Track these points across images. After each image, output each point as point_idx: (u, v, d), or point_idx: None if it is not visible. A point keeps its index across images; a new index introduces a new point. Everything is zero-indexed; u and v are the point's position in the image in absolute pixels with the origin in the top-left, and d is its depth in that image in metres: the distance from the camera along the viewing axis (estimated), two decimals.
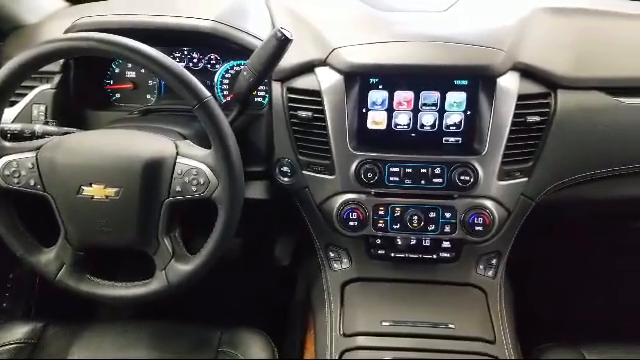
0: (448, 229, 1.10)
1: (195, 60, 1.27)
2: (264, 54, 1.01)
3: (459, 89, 1.05)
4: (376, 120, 1.09)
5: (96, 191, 0.91)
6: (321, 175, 1.12)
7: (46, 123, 1.12)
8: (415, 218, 1.09)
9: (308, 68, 1.09)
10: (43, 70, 1.04)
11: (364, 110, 1.08)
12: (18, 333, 1.10)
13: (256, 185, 1.19)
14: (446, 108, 1.07)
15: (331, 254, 1.20)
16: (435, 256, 1.15)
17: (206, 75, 1.26)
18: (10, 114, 1.15)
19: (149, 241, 0.94)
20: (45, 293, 1.45)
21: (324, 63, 1.08)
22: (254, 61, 1.03)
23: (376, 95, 1.07)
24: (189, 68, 1.26)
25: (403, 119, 1.08)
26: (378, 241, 1.15)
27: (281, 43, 0.99)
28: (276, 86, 1.12)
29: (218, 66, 1.27)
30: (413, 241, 1.14)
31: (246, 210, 0.95)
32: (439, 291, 1.16)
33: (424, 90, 1.06)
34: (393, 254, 1.16)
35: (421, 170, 1.07)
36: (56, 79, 1.17)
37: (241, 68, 1.08)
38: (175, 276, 0.94)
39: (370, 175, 1.08)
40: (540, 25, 1.14)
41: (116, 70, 1.29)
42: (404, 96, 1.07)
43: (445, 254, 1.15)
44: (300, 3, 1.25)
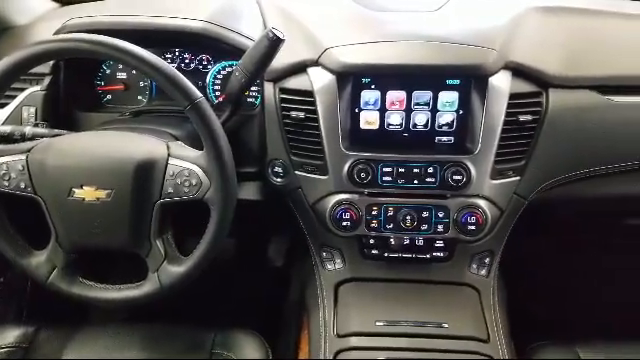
0: (441, 228, 1.10)
1: (187, 61, 1.27)
2: (256, 54, 1.01)
3: (451, 88, 1.06)
4: (369, 120, 1.09)
5: (87, 193, 0.90)
6: (314, 175, 1.12)
7: (36, 125, 1.10)
8: (408, 218, 1.09)
9: (300, 68, 1.09)
10: (33, 72, 1.03)
11: (357, 110, 1.08)
12: (10, 337, 1.09)
13: (249, 186, 1.19)
14: (438, 108, 1.07)
15: (324, 254, 1.20)
16: (428, 256, 1.15)
17: (198, 76, 1.26)
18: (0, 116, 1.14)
19: (141, 243, 0.94)
20: (37, 296, 1.44)
21: (316, 63, 1.08)
22: (246, 61, 1.03)
23: (368, 95, 1.07)
24: (181, 69, 1.26)
25: (396, 119, 1.08)
26: (371, 241, 1.15)
27: (273, 43, 0.99)
28: (268, 86, 1.11)
29: (210, 67, 1.26)
30: (406, 241, 1.14)
31: (239, 211, 0.94)
32: (433, 291, 1.16)
33: (416, 90, 1.06)
34: (386, 254, 1.16)
35: (414, 170, 1.08)
36: (46, 81, 1.16)
37: (233, 69, 1.07)
38: (168, 278, 0.94)
39: (363, 175, 1.08)
40: (531, 24, 1.15)
41: (107, 71, 1.28)
42: (396, 96, 1.07)
43: (438, 253, 1.15)
44: (292, 3, 1.24)
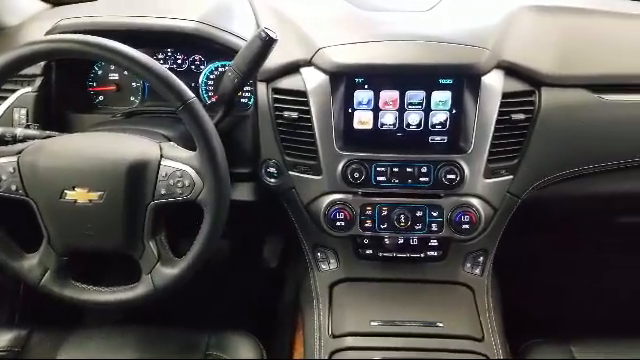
0: (435, 228, 1.10)
1: (179, 61, 1.26)
2: (249, 54, 1.01)
3: (444, 88, 1.06)
4: (362, 120, 1.09)
5: (79, 195, 0.89)
6: (308, 176, 1.12)
7: (28, 127, 1.09)
8: (402, 217, 1.09)
9: (293, 68, 1.09)
10: (24, 73, 1.02)
11: (350, 110, 1.08)
12: (2, 340, 1.08)
13: (242, 187, 1.18)
14: (432, 107, 1.07)
15: (319, 255, 1.20)
16: (423, 255, 1.15)
17: (190, 76, 1.25)
18: None
19: (134, 245, 0.93)
20: (29, 299, 1.43)
21: (309, 63, 1.08)
22: (238, 62, 1.02)
23: (362, 95, 1.07)
24: (173, 69, 1.25)
25: (389, 119, 1.08)
26: (366, 241, 1.15)
27: (265, 43, 0.99)
28: (261, 87, 1.11)
29: (202, 67, 1.26)
30: (401, 240, 1.14)
31: (233, 212, 0.94)
32: (427, 290, 1.16)
33: (409, 89, 1.06)
34: (381, 254, 1.16)
35: (407, 169, 1.08)
36: (37, 82, 1.15)
37: (226, 69, 1.07)
38: (161, 280, 0.93)
39: (357, 175, 1.07)
40: (523, 23, 1.15)
41: (99, 72, 1.27)
42: (390, 95, 1.07)
43: (432, 253, 1.15)
44: (284, 3, 1.24)
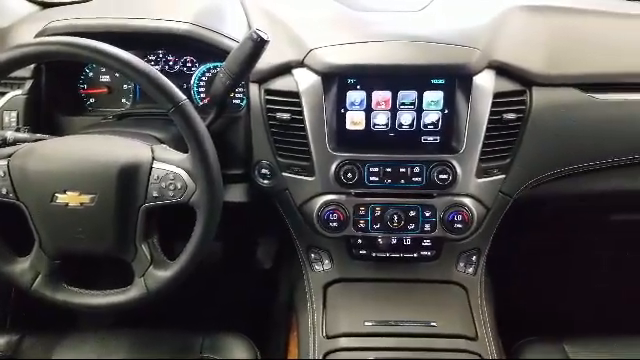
0: (428, 227, 1.11)
1: (171, 63, 1.26)
2: (240, 56, 1.00)
3: (436, 88, 1.06)
4: (355, 120, 1.09)
5: (70, 198, 0.89)
6: (301, 177, 1.12)
7: (18, 130, 1.09)
8: (395, 217, 1.09)
9: (285, 69, 1.09)
10: (14, 76, 1.01)
11: (342, 111, 1.08)
12: None
13: (235, 188, 1.18)
14: (424, 107, 1.07)
15: (312, 256, 1.20)
16: (416, 255, 1.16)
17: (182, 78, 1.25)
18: None
19: (126, 248, 0.93)
20: (21, 303, 1.41)
21: (301, 64, 1.08)
22: (230, 63, 1.02)
23: (354, 95, 1.07)
24: (165, 71, 1.25)
25: (382, 119, 1.09)
26: (359, 241, 1.15)
27: (257, 45, 0.99)
28: (253, 88, 1.11)
29: (194, 69, 1.26)
30: (394, 240, 1.14)
31: (226, 213, 0.94)
32: (421, 289, 1.17)
33: (402, 90, 1.06)
34: (374, 254, 1.16)
35: (400, 169, 1.08)
36: (27, 85, 1.14)
37: (217, 70, 1.06)
38: (154, 283, 0.93)
39: (350, 175, 1.08)
40: (514, 23, 1.15)
41: (90, 74, 1.26)
42: (382, 96, 1.07)
43: (426, 252, 1.15)
44: (276, 4, 1.24)
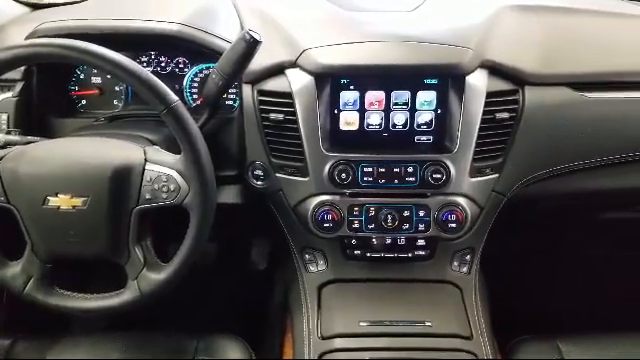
0: (422, 227, 1.11)
1: (163, 64, 1.25)
2: (233, 57, 1.00)
3: (429, 88, 1.06)
4: (348, 121, 1.09)
5: (62, 201, 0.88)
6: (295, 177, 1.11)
7: (9, 132, 1.08)
8: (389, 217, 1.09)
9: (278, 70, 1.09)
10: (4, 78, 1.01)
11: (336, 111, 1.08)
12: None
13: (229, 189, 1.17)
14: (417, 107, 1.07)
15: (307, 256, 1.20)
16: (410, 254, 1.16)
17: (174, 79, 1.24)
18: None
19: (119, 251, 0.92)
20: (13, 307, 1.40)
21: (294, 65, 1.07)
22: (223, 64, 1.02)
23: (347, 96, 1.07)
24: (157, 72, 1.24)
25: (375, 119, 1.09)
26: (354, 242, 1.15)
27: (250, 45, 0.98)
28: (246, 89, 1.10)
29: (187, 70, 1.25)
30: (388, 240, 1.14)
31: (219, 215, 0.94)
32: (415, 289, 1.17)
33: (395, 90, 1.07)
34: (369, 254, 1.16)
35: (394, 169, 1.08)
36: (18, 87, 1.13)
37: (210, 71, 1.06)
38: (147, 285, 0.93)
39: (344, 176, 1.07)
40: (507, 23, 1.16)
41: (81, 76, 1.25)
42: (375, 96, 1.07)
43: (420, 252, 1.15)
44: (269, 4, 1.24)
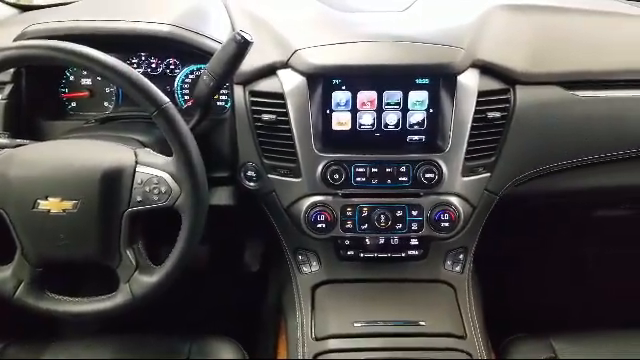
0: (415, 227, 1.11)
1: (153, 65, 1.24)
2: (224, 57, 1.00)
3: (421, 88, 1.06)
4: (341, 121, 1.09)
5: (53, 205, 0.87)
6: (287, 178, 1.11)
7: None
8: (382, 217, 1.09)
9: (270, 71, 1.08)
10: None
11: (328, 111, 1.08)
12: None
13: (221, 191, 1.17)
14: (409, 107, 1.08)
15: (300, 257, 1.19)
16: (404, 254, 1.16)
17: (165, 80, 1.23)
18: None
19: (111, 254, 0.92)
20: (4, 311, 1.39)
21: (286, 65, 1.07)
22: (214, 65, 1.01)
23: (340, 96, 1.07)
24: (147, 74, 1.23)
25: (367, 119, 1.08)
26: (347, 242, 1.15)
27: (241, 46, 0.98)
28: (238, 90, 1.10)
29: (177, 71, 1.24)
30: (381, 240, 1.14)
31: (212, 216, 0.93)
32: (409, 289, 1.17)
33: (387, 90, 1.07)
34: (362, 254, 1.16)
35: (387, 169, 1.08)
36: (7, 89, 1.12)
37: (201, 72, 1.06)
38: (140, 288, 0.92)
39: (336, 176, 1.07)
40: (497, 22, 1.16)
41: (71, 78, 1.24)
42: (367, 96, 1.07)
43: (413, 252, 1.16)
44: (260, 5, 1.23)
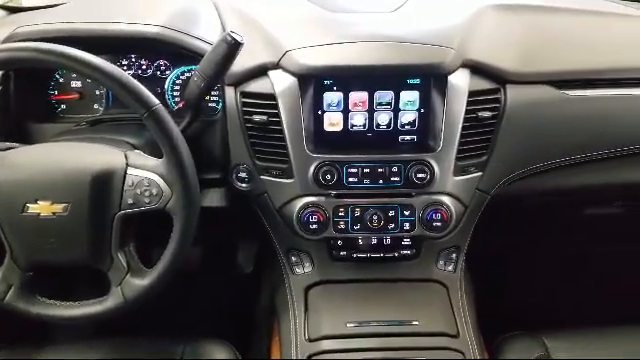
0: (408, 226, 1.11)
1: (144, 67, 1.23)
2: (214, 58, 0.99)
3: (412, 88, 1.06)
4: (332, 121, 1.09)
5: (42, 208, 0.87)
6: (279, 179, 1.11)
7: None
8: (375, 218, 1.09)
9: (261, 71, 1.08)
10: None
11: (320, 112, 1.08)
12: None
13: (213, 193, 1.16)
14: (400, 107, 1.08)
15: (293, 258, 1.19)
16: (396, 254, 1.16)
17: (156, 82, 1.22)
18: None
19: (102, 257, 0.91)
20: None
21: (277, 66, 1.07)
22: (204, 66, 1.01)
23: (331, 96, 1.07)
24: (138, 75, 1.22)
25: (359, 119, 1.08)
26: (340, 243, 1.15)
27: (231, 47, 0.98)
28: (229, 91, 1.10)
29: (168, 72, 1.23)
30: (374, 241, 1.14)
31: (204, 218, 0.93)
32: (402, 288, 1.17)
33: (378, 90, 1.07)
34: (355, 255, 1.16)
35: (379, 169, 1.08)
36: None
37: (192, 74, 1.05)
38: (131, 291, 0.91)
39: (329, 177, 1.07)
40: (488, 22, 1.17)
41: (60, 80, 1.23)
42: (359, 96, 1.07)
43: (406, 251, 1.16)
44: (250, 6, 1.23)
